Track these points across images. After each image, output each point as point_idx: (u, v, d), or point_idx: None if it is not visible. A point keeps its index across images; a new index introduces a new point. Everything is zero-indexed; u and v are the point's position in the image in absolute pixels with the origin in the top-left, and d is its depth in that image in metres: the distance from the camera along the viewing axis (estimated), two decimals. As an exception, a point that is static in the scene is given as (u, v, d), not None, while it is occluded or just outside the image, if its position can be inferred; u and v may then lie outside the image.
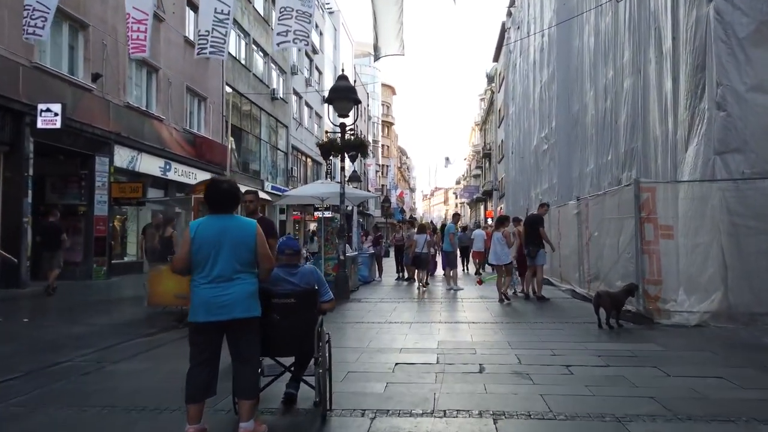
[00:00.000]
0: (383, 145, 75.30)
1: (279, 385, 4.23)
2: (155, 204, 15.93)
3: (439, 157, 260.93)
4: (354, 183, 26.96)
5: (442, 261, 14.15)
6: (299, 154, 35.29)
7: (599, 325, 7.59)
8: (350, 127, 11.31)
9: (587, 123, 15.79)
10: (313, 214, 32.49)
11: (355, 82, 51.08)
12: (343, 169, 11.59)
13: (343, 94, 11.08)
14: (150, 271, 9.15)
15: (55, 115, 12.59)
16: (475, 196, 64.30)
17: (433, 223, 32.73)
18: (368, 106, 63.77)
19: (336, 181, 12.82)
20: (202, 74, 21.76)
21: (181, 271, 3.49)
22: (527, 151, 26.20)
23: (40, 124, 12.54)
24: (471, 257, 19.38)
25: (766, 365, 5.42)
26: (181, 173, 19.55)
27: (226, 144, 23.44)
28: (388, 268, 18.45)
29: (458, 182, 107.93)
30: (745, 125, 7.94)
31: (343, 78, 11.32)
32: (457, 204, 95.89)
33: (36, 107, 12.58)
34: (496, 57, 48.78)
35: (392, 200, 59.19)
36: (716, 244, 7.79)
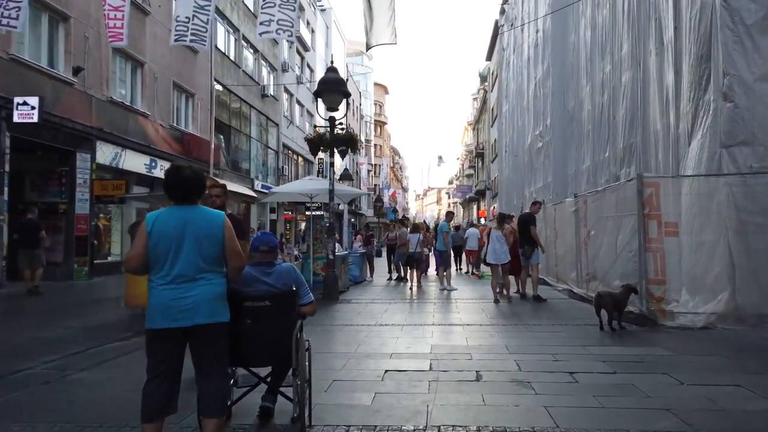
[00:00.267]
0: (376, 145, 74.84)
1: (255, 397, 3.80)
2: (136, 201, 15.39)
3: (432, 156, 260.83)
4: (346, 181, 26.55)
5: (436, 260, 13.76)
6: (290, 152, 34.80)
7: (601, 327, 7.20)
8: (339, 121, 10.86)
9: (583, 119, 15.43)
10: (305, 213, 32.02)
11: (348, 80, 50.72)
12: (332, 164, 11.14)
13: (333, 87, 10.63)
14: (126, 272, 8.64)
15: (32, 108, 12.06)
16: (468, 196, 63.95)
17: (425, 222, 32.38)
18: (360, 105, 63.33)
19: (326, 177, 12.38)
20: (190, 70, 21.25)
21: (135, 270, 3.05)
22: (521, 149, 25.85)
23: (16, 118, 12.00)
24: (465, 256, 19.03)
25: (783, 371, 5.04)
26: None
27: (215, 141, 22.92)
28: (379, 268, 18.02)
29: (451, 182, 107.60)
30: (753, 116, 7.56)
31: (333, 70, 10.87)
32: (450, 204, 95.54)
33: (12, 100, 12.05)
34: (489, 56, 48.48)
35: (385, 200, 58.78)
36: (723, 241, 7.41)
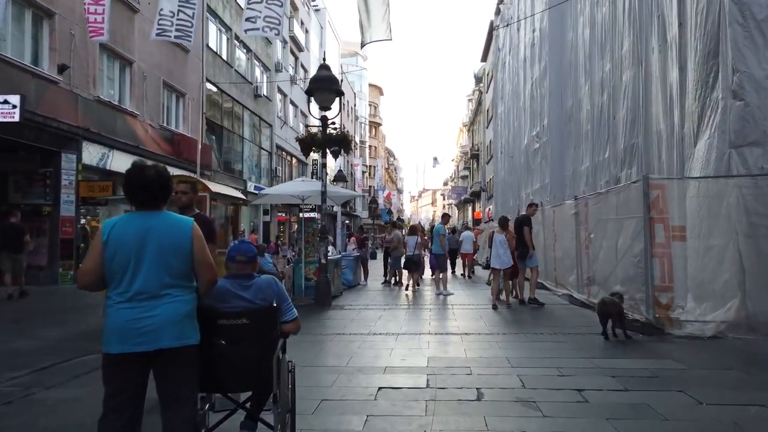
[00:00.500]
0: (371, 146, 74.44)
1: (235, 421, 3.40)
2: (123, 203, 14.94)
3: (427, 158, 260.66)
4: (340, 183, 26.14)
5: (431, 264, 13.39)
6: (284, 153, 34.37)
7: (605, 336, 6.86)
8: (332, 121, 10.48)
9: (582, 119, 15.11)
10: (299, 215, 31.60)
11: (342, 81, 50.33)
12: (324, 165, 10.75)
13: (325, 85, 10.24)
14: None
15: (14, 107, 11.60)
16: (463, 197, 63.67)
17: (421, 224, 32.03)
18: (355, 106, 62.94)
19: (319, 179, 11.98)
20: (180, 69, 20.82)
21: (88, 286, 2.66)
22: (517, 151, 25.52)
23: (-4, 117, 11.56)
24: (460, 259, 18.77)
25: (806, 387, 4.69)
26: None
27: (207, 142, 22.49)
28: (374, 272, 17.63)
29: (446, 183, 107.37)
30: (764, 115, 7.22)
31: (325, 67, 10.48)
32: (445, 205, 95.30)
33: (-8, 99, 11.61)
34: (485, 57, 48.23)
35: (379, 201, 58.39)
36: (732, 246, 7.07)
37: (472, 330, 7.72)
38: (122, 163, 16.79)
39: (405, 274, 14.12)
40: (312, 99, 10.45)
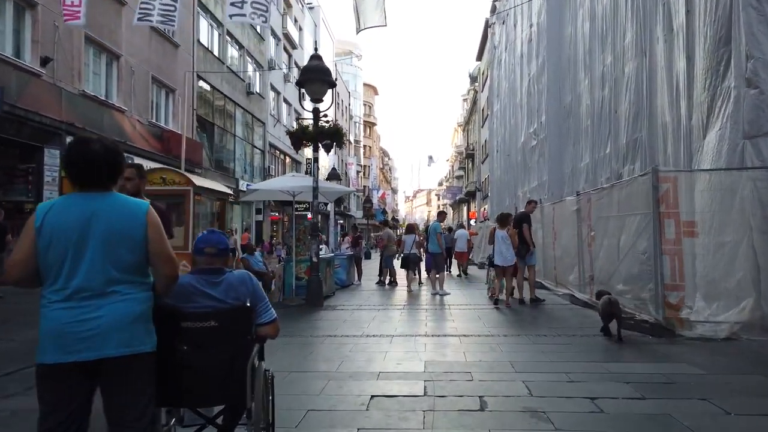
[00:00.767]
0: (365, 146, 74.01)
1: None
2: None
3: (421, 158, 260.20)
4: (334, 181, 25.67)
5: (427, 263, 12.98)
6: (277, 151, 33.87)
7: (608, 334, 6.57)
8: (324, 113, 10.04)
9: (581, 115, 14.73)
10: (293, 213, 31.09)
11: (336, 80, 49.83)
12: (316, 160, 10.31)
13: (317, 76, 9.80)
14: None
15: (-8, 99, 11.14)
16: (458, 197, 63.29)
17: (416, 224, 31.64)
18: (350, 106, 62.52)
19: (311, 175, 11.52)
20: (170, 64, 20.32)
21: (18, 281, 2.22)
22: (514, 149, 25.14)
23: (-27, 110, 11.09)
24: (454, 258, 18.49)
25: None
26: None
27: (197, 139, 22.01)
28: (368, 271, 17.20)
29: (441, 183, 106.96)
30: (780, 104, 6.85)
31: (317, 57, 10.04)
32: (440, 205, 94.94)
33: (-31, 91, 11.13)
34: (480, 56, 47.87)
35: (374, 201, 57.97)
36: (746, 242, 6.69)
37: (471, 331, 7.30)
38: (109, 159, 16.30)
39: (403, 273, 13.73)
40: (303, 91, 10.03)
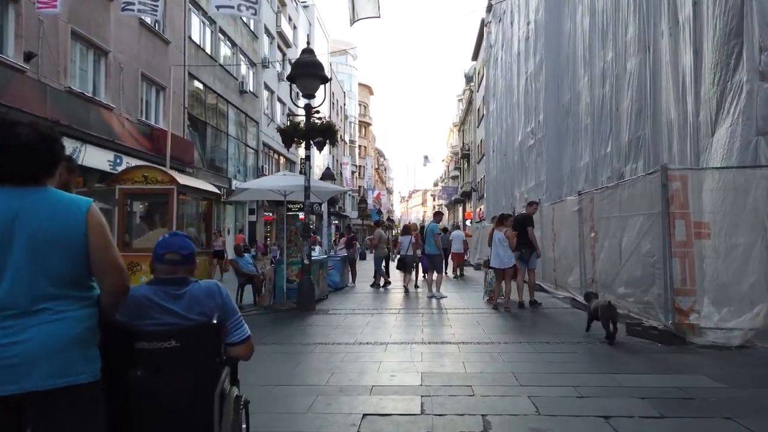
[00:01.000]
0: (360, 146, 73.60)
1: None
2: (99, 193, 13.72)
3: (417, 158, 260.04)
4: (328, 181, 25.25)
5: (424, 264, 12.60)
6: (271, 151, 33.42)
7: (611, 341, 6.37)
8: (316, 109, 9.65)
9: (580, 113, 14.38)
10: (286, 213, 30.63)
11: (331, 79, 49.36)
12: (308, 158, 9.92)
13: (308, 70, 9.43)
14: None
15: (-30, 95, 10.71)
16: (453, 198, 63.01)
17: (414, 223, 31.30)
18: (345, 106, 62.13)
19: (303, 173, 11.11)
20: (161, 61, 19.86)
21: None
22: (510, 148, 24.80)
23: (-49, 106, 10.64)
24: (450, 259, 18.20)
25: None
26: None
27: (188, 137, 21.57)
28: (362, 273, 16.80)
29: (436, 184, 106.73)
30: (796, 98, 6.51)
31: (309, 51, 9.68)
32: (435, 206, 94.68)
33: (-52, 86, 10.69)
34: (475, 55, 47.60)
35: (369, 201, 57.61)
36: (760, 243, 6.34)
37: (470, 338, 6.91)
38: (96, 158, 15.84)
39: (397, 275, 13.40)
40: (294, 87, 9.64)
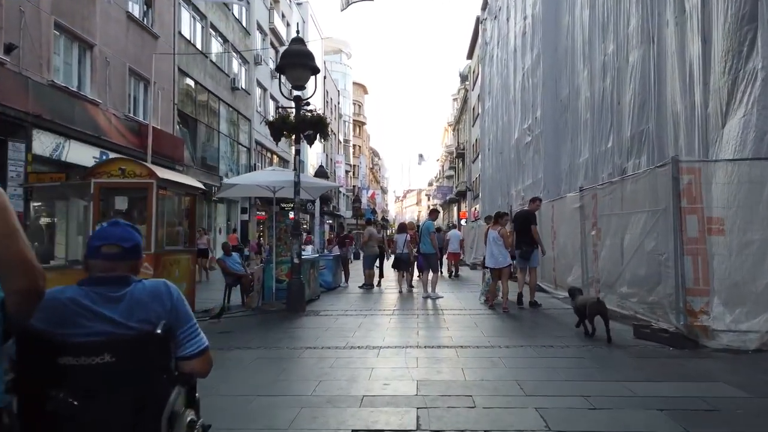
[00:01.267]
0: (355, 145, 73.13)
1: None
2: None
3: (411, 158, 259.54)
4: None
5: (419, 264, 12.19)
6: (264, 149, 32.93)
7: (589, 333, 6.70)
8: (306, 101, 9.21)
9: (580, 108, 14.00)
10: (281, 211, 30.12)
11: (325, 78, 48.86)
12: (298, 152, 9.48)
13: (298, 60, 8.97)
14: None
15: (-56, 86, 10.21)
16: (448, 197, 62.67)
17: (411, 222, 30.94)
18: (339, 104, 61.66)
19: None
20: (149, 56, 19.34)
21: None
22: (507, 146, 24.41)
23: (-76, 98, 10.14)
24: (446, 259, 18.00)
25: None
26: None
27: (177, 134, 21.09)
28: (355, 273, 16.36)
29: (431, 183, 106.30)
30: (815, 86, 6.13)
31: (299, 41, 9.22)
32: (430, 206, 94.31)
33: None
34: (470, 54, 47.26)
35: (363, 201, 57.18)
36: (776, 241, 5.97)
37: (469, 342, 6.50)
38: (80, 154, 15.33)
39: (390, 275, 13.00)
40: (283, 77, 9.19)
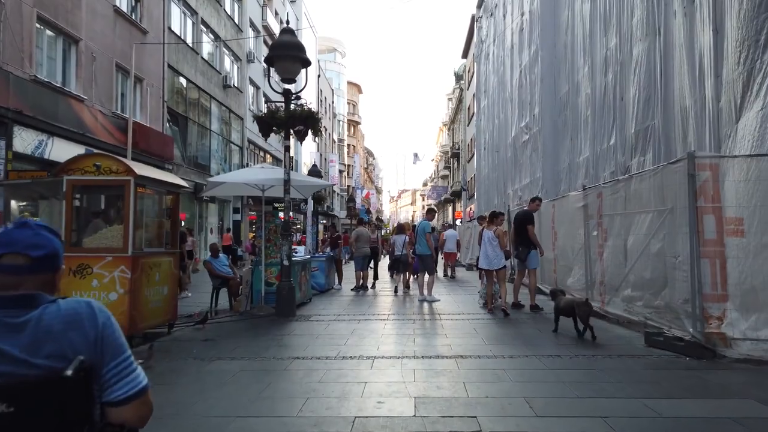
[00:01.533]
0: (349, 145, 72.66)
1: None
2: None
3: (406, 158, 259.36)
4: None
5: (414, 265, 11.77)
6: (256, 148, 32.41)
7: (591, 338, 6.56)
8: (297, 95, 8.75)
9: (580, 105, 13.59)
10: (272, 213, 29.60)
11: (319, 77, 48.38)
12: (287, 148, 9.01)
13: (288, 52, 8.51)
14: None
15: None
16: (443, 197, 62.30)
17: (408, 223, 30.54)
18: (333, 104, 61.19)
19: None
20: (138, 52, 18.82)
21: None
22: (503, 145, 24.00)
23: None
24: (442, 258, 17.66)
25: None
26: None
27: (167, 132, 20.57)
28: (349, 274, 15.91)
29: (425, 183, 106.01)
30: (841, 76, 5.73)
31: (288, 32, 8.76)
32: (425, 206, 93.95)
33: None
34: (466, 53, 46.91)
35: (357, 200, 56.70)
36: (799, 243, 5.56)
37: (469, 351, 6.05)
38: (64, 152, 14.77)
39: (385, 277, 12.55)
40: (272, 70, 8.73)
